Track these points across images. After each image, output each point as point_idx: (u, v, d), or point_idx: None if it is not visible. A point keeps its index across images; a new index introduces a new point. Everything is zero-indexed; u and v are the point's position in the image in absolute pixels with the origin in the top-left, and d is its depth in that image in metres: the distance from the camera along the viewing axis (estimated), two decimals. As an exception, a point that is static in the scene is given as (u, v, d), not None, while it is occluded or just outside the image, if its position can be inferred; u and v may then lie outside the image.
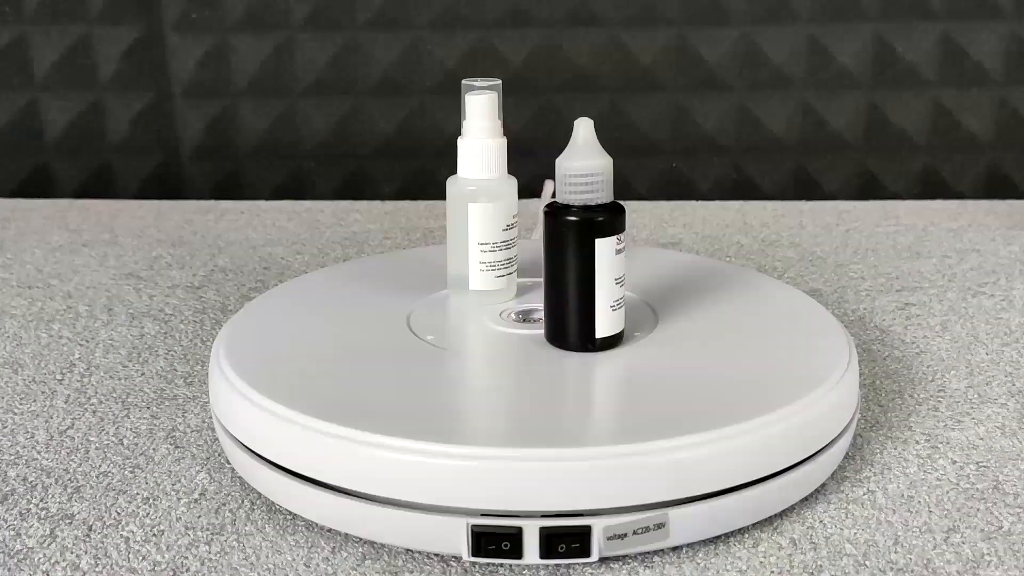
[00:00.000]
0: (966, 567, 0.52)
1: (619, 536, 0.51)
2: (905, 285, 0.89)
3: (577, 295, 0.60)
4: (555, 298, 0.61)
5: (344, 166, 1.18)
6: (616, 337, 0.61)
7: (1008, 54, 1.12)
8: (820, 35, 1.12)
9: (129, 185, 1.20)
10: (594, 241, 0.59)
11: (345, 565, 0.52)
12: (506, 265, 0.68)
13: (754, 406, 0.54)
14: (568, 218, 0.59)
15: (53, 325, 0.82)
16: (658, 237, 1.02)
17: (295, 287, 0.73)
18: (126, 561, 0.52)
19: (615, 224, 0.59)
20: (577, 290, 0.60)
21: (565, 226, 0.59)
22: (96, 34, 1.15)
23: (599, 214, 0.59)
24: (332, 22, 1.14)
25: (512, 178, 0.68)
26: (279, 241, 1.03)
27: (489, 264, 0.67)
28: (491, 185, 0.67)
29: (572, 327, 0.61)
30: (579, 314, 0.60)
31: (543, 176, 1.15)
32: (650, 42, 1.13)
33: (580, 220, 0.59)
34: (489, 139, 0.67)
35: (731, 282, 0.73)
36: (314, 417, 0.53)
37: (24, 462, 0.62)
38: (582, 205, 0.59)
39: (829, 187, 1.16)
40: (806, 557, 0.52)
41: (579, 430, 0.53)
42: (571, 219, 0.59)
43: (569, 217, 0.59)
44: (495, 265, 0.67)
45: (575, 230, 0.59)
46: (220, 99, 1.16)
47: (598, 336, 0.61)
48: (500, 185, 0.67)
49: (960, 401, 0.69)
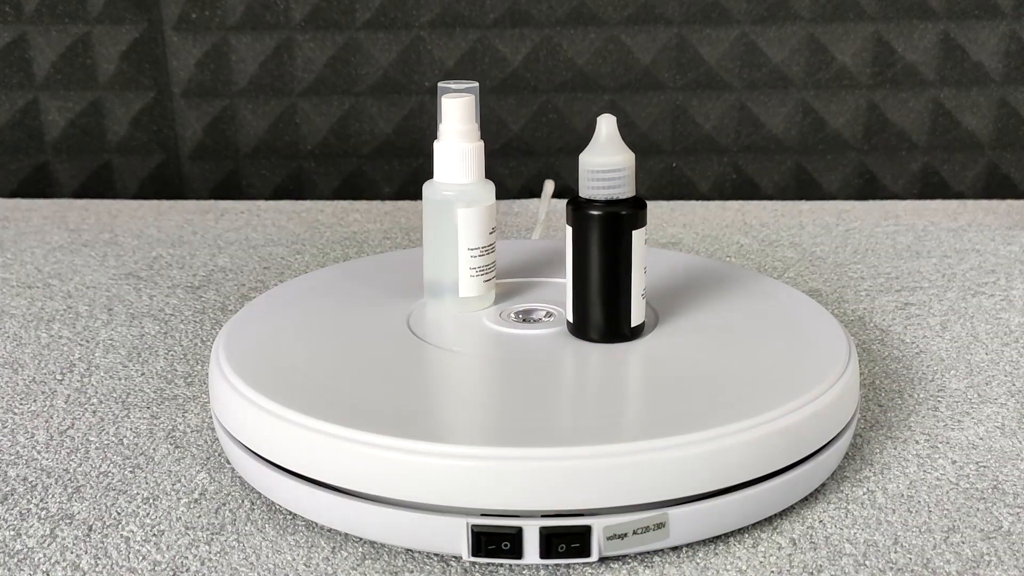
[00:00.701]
0: (966, 567, 0.52)
1: (619, 536, 0.51)
2: (905, 285, 0.89)
3: (617, 286, 0.61)
4: (592, 291, 0.62)
5: (344, 166, 1.18)
6: (642, 325, 0.63)
7: (1008, 54, 1.12)
8: (820, 35, 1.12)
9: (129, 185, 1.20)
10: (631, 233, 0.61)
11: (345, 565, 0.52)
12: (491, 269, 0.68)
13: (754, 405, 0.54)
14: (611, 212, 0.60)
15: (53, 325, 0.82)
16: (658, 237, 1.02)
17: (295, 287, 0.73)
18: (126, 561, 0.53)
19: (644, 216, 0.62)
20: (616, 281, 0.61)
21: (606, 220, 0.60)
22: (96, 34, 1.15)
23: (631, 207, 0.61)
24: (332, 22, 1.14)
25: (490, 182, 0.67)
26: (279, 241, 1.03)
27: (478, 269, 0.67)
28: (472, 189, 0.66)
29: (611, 317, 0.62)
30: (618, 304, 0.62)
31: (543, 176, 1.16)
32: (650, 42, 1.13)
33: (625, 214, 0.60)
34: (469, 143, 0.66)
35: (731, 282, 0.73)
36: (314, 417, 0.53)
37: (24, 462, 0.62)
38: (606, 200, 0.60)
39: (829, 187, 1.16)
40: (806, 557, 0.52)
41: (579, 430, 0.53)
42: (614, 213, 0.60)
43: (611, 211, 0.60)
44: (483, 270, 0.67)
45: (618, 224, 0.61)
46: (220, 99, 1.16)
47: (633, 324, 0.62)
48: (480, 189, 0.66)
49: (960, 401, 0.69)
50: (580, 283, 0.62)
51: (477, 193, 0.66)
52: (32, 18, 1.15)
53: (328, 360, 0.61)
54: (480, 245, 0.66)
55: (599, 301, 0.62)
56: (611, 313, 0.62)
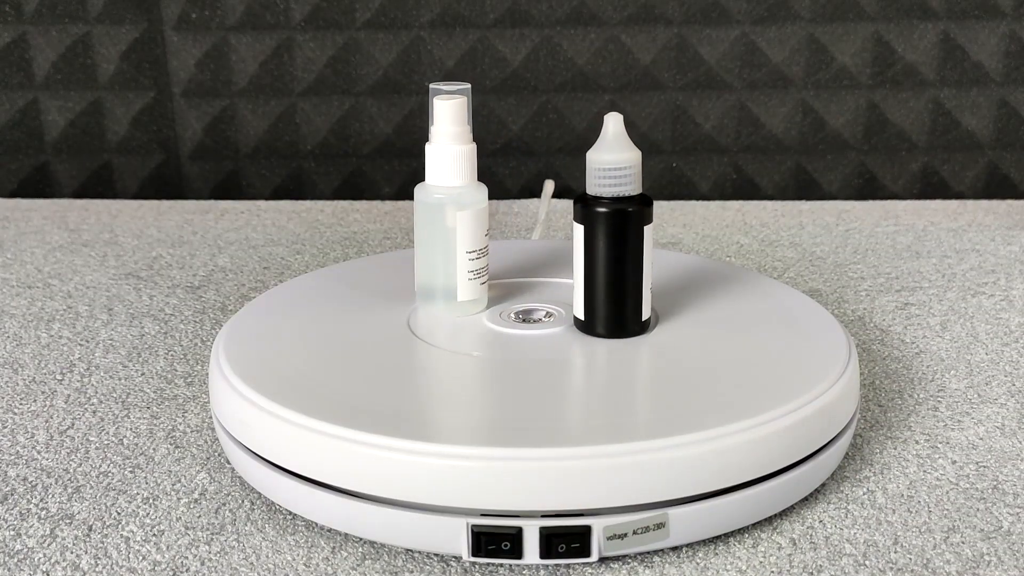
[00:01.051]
0: (966, 567, 0.52)
1: (619, 536, 0.51)
2: (905, 285, 0.89)
3: (632, 281, 0.62)
4: (605, 287, 0.62)
5: (344, 166, 1.18)
6: (648, 320, 0.64)
7: (1008, 54, 1.12)
8: (820, 35, 1.12)
9: (129, 185, 1.20)
10: (642, 229, 0.62)
11: (345, 565, 0.52)
12: (487, 272, 0.68)
13: (754, 405, 0.54)
14: (627, 209, 0.61)
15: (53, 325, 0.82)
16: (658, 237, 1.02)
17: (295, 287, 0.73)
18: (126, 561, 0.52)
19: (651, 213, 0.63)
20: (630, 276, 0.62)
21: (621, 217, 0.61)
22: (96, 34, 1.15)
23: (638, 204, 0.62)
24: (332, 22, 1.14)
25: (482, 184, 0.67)
26: (279, 241, 1.03)
27: (475, 272, 0.67)
28: (464, 192, 0.65)
29: (622, 312, 0.63)
30: (632, 298, 0.63)
31: (543, 176, 1.16)
32: (650, 42, 1.13)
33: (636, 211, 0.61)
34: (462, 145, 0.65)
35: (731, 282, 0.73)
36: (314, 417, 0.53)
37: (24, 462, 0.62)
38: (613, 197, 0.61)
39: (829, 187, 1.16)
40: (806, 557, 0.52)
41: (579, 430, 0.53)
42: (629, 210, 0.61)
43: (627, 208, 0.61)
44: (480, 273, 0.67)
45: (633, 220, 0.61)
46: (220, 99, 1.16)
47: (644, 318, 0.64)
48: (473, 191, 0.66)
49: (960, 401, 0.69)
50: (591, 280, 0.63)
51: (470, 196, 0.65)
52: (32, 18, 1.15)
53: (328, 360, 0.61)
54: (478, 248, 0.66)
55: (611, 297, 0.62)
56: (622, 308, 0.63)
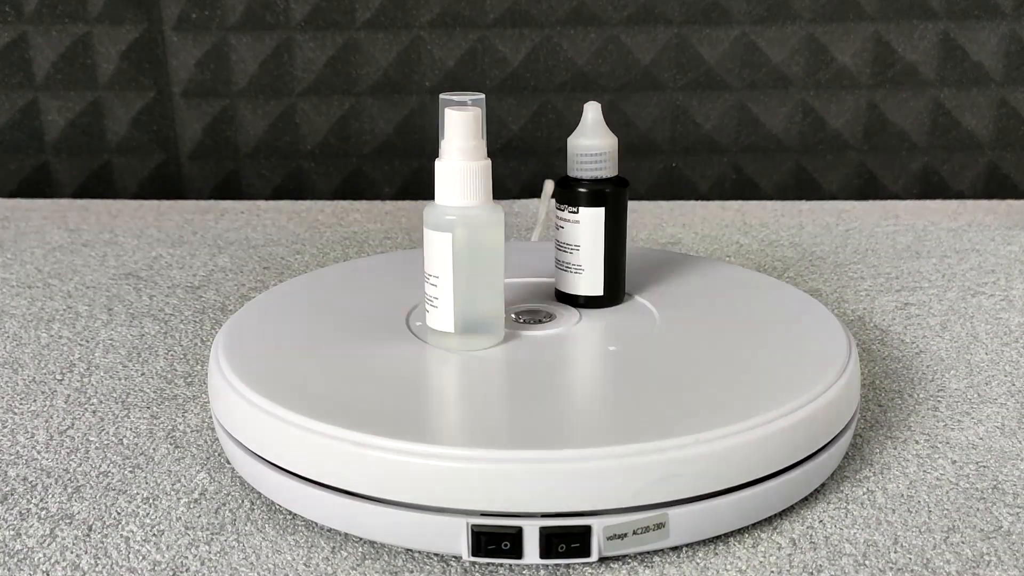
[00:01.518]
0: (966, 567, 0.52)
1: (619, 536, 0.51)
2: (905, 285, 0.89)
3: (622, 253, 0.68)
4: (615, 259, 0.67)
5: (344, 166, 1.18)
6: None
7: (1008, 54, 1.12)
8: (820, 35, 1.12)
9: (129, 185, 1.20)
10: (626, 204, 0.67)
11: (345, 565, 0.52)
12: None
13: (754, 406, 0.54)
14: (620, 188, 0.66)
15: (53, 325, 0.82)
16: (658, 237, 1.02)
17: (295, 287, 0.73)
18: (126, 561, 0.52)
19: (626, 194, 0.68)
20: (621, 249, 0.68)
21: (619, 195, 0.66)
22: (96, 34, 1.15)
23: (616, 184, 0.66)
24: (332, 22, 1.14)
25: (498, 204, 0.60)
26: (279, 241, 1.03)
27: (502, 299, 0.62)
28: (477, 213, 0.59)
29: (621, 283, 0.68)
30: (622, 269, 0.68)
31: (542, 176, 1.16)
32: (650, 42, 1.13)
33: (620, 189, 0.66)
34: (475, 161, 0.58)
35: (731, 282, 0.73)
36: (314, 418, 0.53)
37: (24, 462, 0.62)
38: (591, 179, 0.66)
39: (829, 187, 1.16)
40: (806, 557, 0.52)
41: (579, 430, 0.53)
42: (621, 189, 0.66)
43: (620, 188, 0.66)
44: None
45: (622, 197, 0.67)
46: (220, 99, 1.16)
47: None
48: (489, 212, 0.59)
49: (960, 401, 0.69)
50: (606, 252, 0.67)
51: (485, 217, 0.59)
52: (32, 18, 1.15)
53: (328, 360, 0.61)
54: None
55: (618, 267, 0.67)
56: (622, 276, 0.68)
